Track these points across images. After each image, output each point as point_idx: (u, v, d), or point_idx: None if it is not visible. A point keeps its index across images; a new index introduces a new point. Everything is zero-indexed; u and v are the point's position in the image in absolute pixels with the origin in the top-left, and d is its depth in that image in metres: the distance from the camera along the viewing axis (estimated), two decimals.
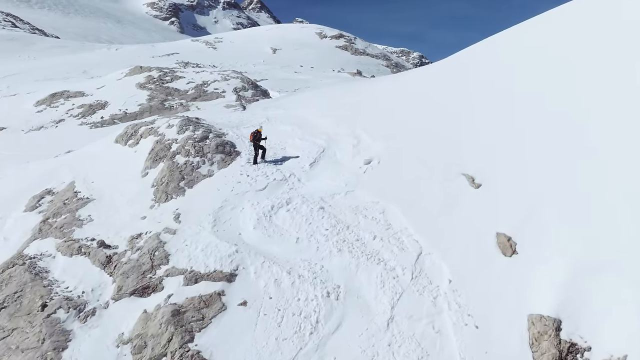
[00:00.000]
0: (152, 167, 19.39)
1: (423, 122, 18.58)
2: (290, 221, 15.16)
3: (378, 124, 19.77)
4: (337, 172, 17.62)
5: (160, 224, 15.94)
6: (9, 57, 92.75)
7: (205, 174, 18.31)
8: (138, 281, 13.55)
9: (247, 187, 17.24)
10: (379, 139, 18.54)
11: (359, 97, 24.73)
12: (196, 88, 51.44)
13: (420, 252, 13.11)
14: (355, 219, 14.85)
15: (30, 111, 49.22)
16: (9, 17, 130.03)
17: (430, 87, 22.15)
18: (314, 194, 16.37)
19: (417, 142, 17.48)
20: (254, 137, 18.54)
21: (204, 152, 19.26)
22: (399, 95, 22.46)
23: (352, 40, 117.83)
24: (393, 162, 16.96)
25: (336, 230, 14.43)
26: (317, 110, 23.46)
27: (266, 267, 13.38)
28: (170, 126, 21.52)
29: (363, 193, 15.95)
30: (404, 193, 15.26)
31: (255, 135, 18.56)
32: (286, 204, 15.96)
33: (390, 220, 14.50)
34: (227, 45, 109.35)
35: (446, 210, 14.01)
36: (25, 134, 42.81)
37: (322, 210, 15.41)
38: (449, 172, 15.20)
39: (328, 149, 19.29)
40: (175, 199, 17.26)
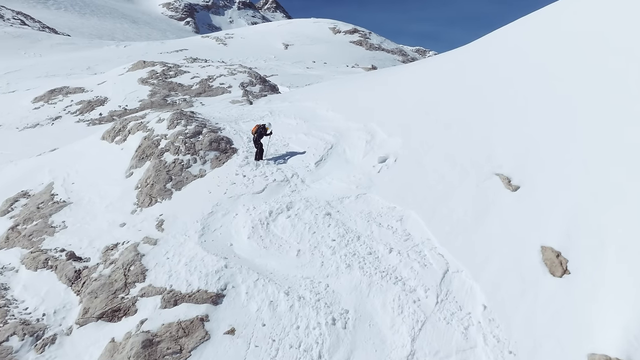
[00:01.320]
0: (137, 166, 17.55)
1: (450, 111, 16.43)
2: (290, 230, 13.17)
3: (395, 117, 17.68)
4: (347, 171, 15.60)
5: (140, 233, 14.05)
6: (13, 54, 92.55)
7: (196, 174, 16.40)
8: (108, 302, 11.65)
9: (242, 189, 15.30)
10: (396, 134, 16.46)
11: (374, 87, 22.61)
12: (201, 83, 49.77)
13: (446, 269, 11.00)
14: (367, 227, 12.79)
15: (26, 108, 48.03)
16: (20, 15, 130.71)
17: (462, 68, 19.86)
18: (320, 198, 14.36)
19: (441, 136, 15.35)
20: (258, 131, 16.71)
21: (196, 149, 17.36)
22: (421, 83, 20.27)
23: (366, 35, 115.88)
24: (413, 160, 14.87)
25: (345, 242, 12.39)
26: (326, 102, 21.41)
27: (260, 286, 11.40)
28: (161, 120, 19.67)
29: (377, 197, 13.89)
30: (426, 197, 13.16)
31: (260, 130, 16.74)
32: (287, 209, 13.96)
33: (409, 230, 12.42)
34: (238, 41, 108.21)
35: (477, 217, 11.87)
36: (19, 131, 41.47)
37: (328, 216, 13.39)
38: (480, 172, 13.06)
39: (337, 145, 17.26)
40: (161, 202, 15.36)
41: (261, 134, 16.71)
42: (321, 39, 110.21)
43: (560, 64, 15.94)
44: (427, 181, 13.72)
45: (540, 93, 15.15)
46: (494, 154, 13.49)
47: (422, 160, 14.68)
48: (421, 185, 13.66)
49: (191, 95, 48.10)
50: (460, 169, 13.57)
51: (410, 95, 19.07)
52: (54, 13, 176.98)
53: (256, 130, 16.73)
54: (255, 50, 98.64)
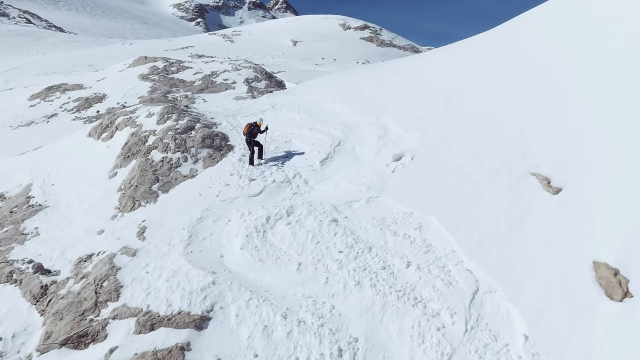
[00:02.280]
0: (122, 165, 15.97)
1: (474, 103, 14.68)
2: (290, 239, 11.50)
3: (411, 110, 15.94)
4: (357, 171, 13.90)
5: (118, 242, 12.45)
6: (16, 52, 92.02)
7: (187, 174, 14.78)
8: (74, 325, 10.03)
9: (237, 191, 13.65)
10: (413, 128, 14.73)
11: (387, 77, 20.85)
12: (204, 79, 48.28)
13: (476, 288, 9.26)
14: (380, 237, 11.09)
15: (22, 105, 46.89)
16: (26, 14, 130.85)
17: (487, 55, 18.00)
18: (325, 202, 12.68)
19: (465, 130, 13.60)
20: (250, 130, 14.93)
21: (187, 146, 15.74)
22: (440, 71, 18.45)
23: (377, 31, 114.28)
24: (432, 158, 13.14)
25: (354, 254, 10.70)
26: (333, 94, 19.72)
27: (253, 306, 9.74)
28: (150, 115, 18.10)
29: (392, 200, 12.18)
30: (450, 201, 11.43)
31: (251, 128, 14.95)
32: (287, 214, 12.30)
33: (430, 240, 10.70)
34: (245, 38, 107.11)
35: (512, 225, 10.11)
36: (12, 130, 40.25)
37: (334, 223, 11.70)
38: (513, 172, 11.31)
39: (345, 141, 15.57)
40: (144, 206, 13.76)
41: (254, 133, 14.94)
42: (331, 36, 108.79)
43: (596, 50, 14.13)
44: (449, 183, 11.97)
45: (575, 82, 13.38)
46: (529, 150, 11.72)
47: (443, 158, 12.94)
48: (443, 188, 11.92)
49: (193, 91, 46.62)
50: (489, 168, 11.81)
51: (428, 86, 17.30)
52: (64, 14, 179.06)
53: (247, 130, 14.95)
54: (262, 47, 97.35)
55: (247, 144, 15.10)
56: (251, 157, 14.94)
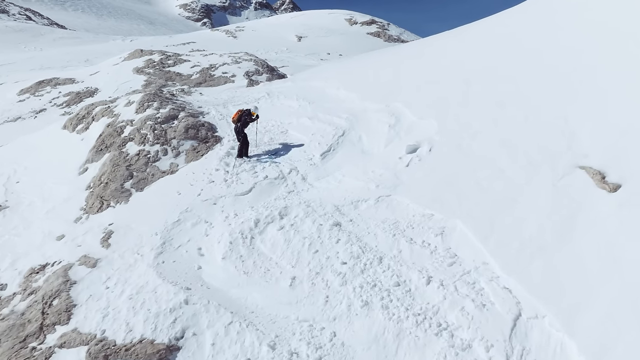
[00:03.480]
0: (94, 160, 14.15)
1: (503, 85, 12.77)
2: (283, 247, 9.62)
3: (427, 94, 14.03)
4: (364, 165, 12.00)
5: (79, 249, 10.63)
6: (13, 48, 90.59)
7: (166, 170, 12.94)
8: (11, 356, 8.19)
9: (222, 189, 11.79)
10: (429, 115, 12.81)
11: (398, 61, 18.85)
12: (201, 72, 46.41)
13: (518, 313, 7.33)
14: (393, 244, 9.18)
15: (11, 101, 45.37)
16: (28, 11, 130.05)
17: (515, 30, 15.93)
18: (326, 201, 10.80)
19: (493, 116, 11.67)
20: (240, 118, 13.10)
21: (168, 137, 13.90)
22: (463, 51, 16.37)
23: (385, 26, 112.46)
24: (454, 149, 11.22)
25: (361, 266, 8.81)
26: (337, 80, 17.78)
27: (234, 333, 7.90)
28: (130, 103, 16.28)
29: (406, 200, 10.27)
30: (478, 200, 9.51)
31: (241, 116, 13.11)
32: (280, 217, 10.41)
33: (455, 249, 8.79)
34: (249, 33, 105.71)
35: (559, 231, 8.18)
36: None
37: (337, 228, 9.82)
38: (557, 164, 9.38)
39: (350, 131, 13.67)
40: (114, 207, 11.93)
41: (245, 122, 13.13)
42: (336, 31, 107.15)
43: None
44: (477, 178, 10.04)
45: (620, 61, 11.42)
46: (575, 139, 9.77)
47: (468, 149, 11.01)
48: (469, 184, 9.99)
49: (190, 85, 44.83)
50: (526, 160, 9.88)
51: (447, 67, 15.34)
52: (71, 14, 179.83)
53: (238, 117, 13.15)
54: (266, 43, 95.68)
55: (236, 133, 13.25)
56: (240, 149, 13.06)
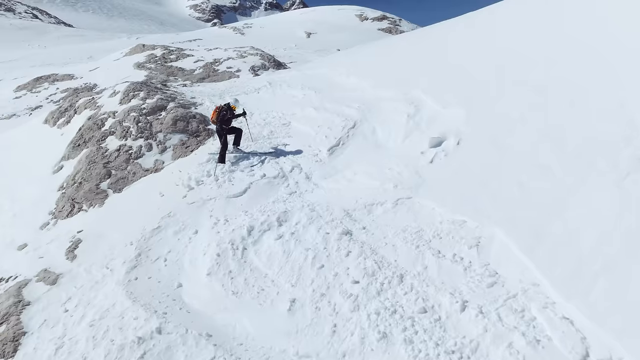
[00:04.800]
0: (70, 157, 12.66)
1: (542, 68, 11.03)
2: (282, 261, 8.02)
3: (451, 80, 12.36)
4: (379, 162, 10.37)
5: (41, 261, 9.12)
6: (16, 46, 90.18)
7: (149, 168, 11.41)
8: None
9: (212, 190, 10.22)
10: (455, 103, 11.14)
11: (417, 43, 17.10)
12: (205, 67, 45.06)
13: (584, 353, 5.67)
14: (417, 259, 7.54)
15: (7, 98, 44.41)
16: (35, 10, 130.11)
17: (554, 6, 14.11)
18: (334, 205, 9.18)
19: (531, 104, 9.97)
20: (219, 115, 11.11)
21: (153, 131, 12.36)
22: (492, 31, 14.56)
23: (396, 22, 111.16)
24: (486, 143, 9.55)
25: (376, 286, 7.19)
26: (346, 67, 16.13)
27: None
28: (115, 93, 14.75)
29: (431, 203, 8.62)
30: (521, 204, 7.83)
31: (221, 114, 11.13)
32: (278, 223, 8.82)
33: (495, 265, 7.13)
34: (257, 30, 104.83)
35: (631, 244, 6.48)
36: None
37: (347, 237, 8.20)
38: (616, 160, 7.67)
39: (362, 122, 12.04)
40: (86, 211, 10.40)
41: (227, 120, 11.16)
42: (347, 27, 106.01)
43: None
44: (517, 178, 8.36)
45: None
46: (636, 128, 8.05)
47: (503, 142, 9.32)
48: (508, 184, 8.31)
49: (193, 80, 43.45)
50: (575, 154, 8.18)
51: (474, 49, 13.61)
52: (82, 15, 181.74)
53: (218, 115, 11.10)
54: (274, 40, 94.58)
55: (217, 134, 11.36)
56: (222, 154, 11.14)
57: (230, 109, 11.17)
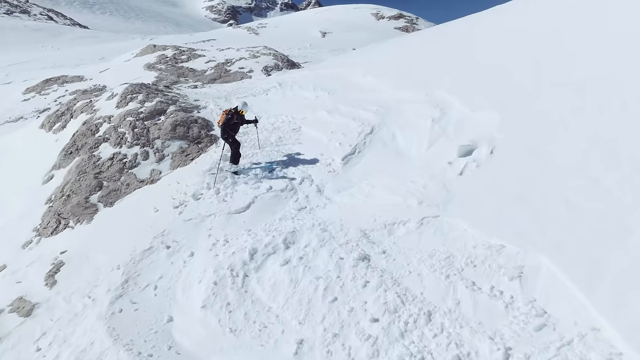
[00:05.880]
0: (62, 165, 11.79)
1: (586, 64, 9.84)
2: (288, 291, 6.98)
3: (482, 79, 11.21)
4: (401, 173, 9.27)
5: (18, 287, 8.21)
6: (29, 48, 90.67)
7: (145, 179, 10.45)
8: None
9: (212, 205, 9.21)
10: (486, 106, 10.00)
11: (439, 41, 15.93)
12: (216, 67, 44.36)
13: None
14: (447, 291, 6.44)
15: (16, 100, 44.18)
16: (50, 12, 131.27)
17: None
18: (349, 223, 8.11)
19: (575, 104, 8.79)
20: (227, 121, 10.03)
21: (150, 137, 11.42)
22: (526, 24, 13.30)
23: (413, 20, 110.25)
24: (526, 152, 8.40)
25: (399, 325, 6.13)
26: (363, 66, 15.03)
27: None
28: (112, 96, 13.86)
29: (463, 223, 7.49)
30: (570, 226, 6.68)
31: (228, 117, 10.06)
32: (284, 246, 7.77)
33: (544, 302, 6.02)
34: (271, 30, 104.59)
35: None
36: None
37: (364, 264, 7.12)
38: None
39: (381, 127, 10.95)
40: (72, 228, 9.47)
41: (233, 125, 10.13)
42: (363, 26, 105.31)
43: None
44: (565, 195, 7.19)
45: None
46: None
47: (545, 151, 8.16)
48: (553, 202, 7.16)
49: (204, 81, 42.79)
50: (633, 168, 7.00)
51: (506, 45, 12.42)
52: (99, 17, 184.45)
53: (225, 120, 10.03)
54: (289, 39, 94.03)
55: (224, 140, 10.21)
56: (234, 154, 10.19)
57: (237, 113, 10.08)
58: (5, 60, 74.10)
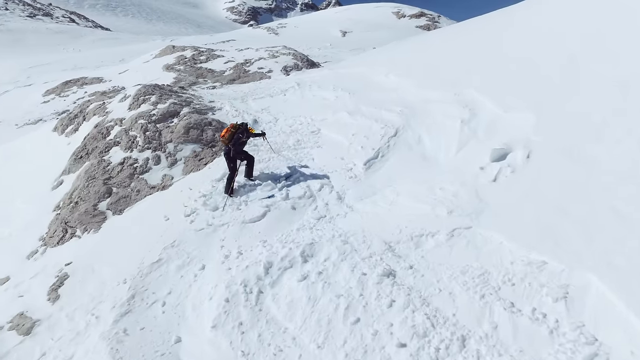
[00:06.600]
0: (72, 170, 11.42)
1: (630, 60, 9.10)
2: (306, 310, 6.42)
3: (515, 77, 10.52)
4: (428, 179, 8.65)
5: (20, 301, 7.79)
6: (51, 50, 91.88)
7: (156, 184, 10.00)
8: None
9: (226, 214, 8.70)
10: (521, 106, 9.32)
11: (467, 37, 15.23)
12: (235, 68, 44.15)
13: None
14: (482, 313, 5.83)
15: (35, 102, 44.56)
16: (73, 14, 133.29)
17: None
18: (372, 234, 7.53)
19: (619, 105, 8.08)
20: (233, 137, 9.26)
21: (162, 140, 10.97)
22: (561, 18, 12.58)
23: (435, 18, 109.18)
24: (565, 156, 7.73)
25: (430, 351, 5.57)
26: (386, 65, 14.40)
27: None
28: (125, 98, 13.49)
29: (498, 235, 6.84)
30: (620, 240, 6.00)
31: (236, 135, 9.29)
32: (302, 259, 7.22)
33: (594, 327, 5.38)
34: (291, 30, 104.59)
35: None
36: (17, 128, 37.40)
37: (389, 280, 6.54)
38: None
39: (406, 129, 10.33)
40: (79, 237, 9.05)
41: (239, 142, 9.33)
42: (383, 25, 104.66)
43: None
44: (610, 202, 6.51)
45: None
46: None
47: (587, 155, 7.48)
48: (599, 212, 6.48)
49: (222, 82, 42.60)
50: None
51: (541, 39, 11.68)
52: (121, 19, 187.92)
53: (231, 136, 9.24)
54: (309, 39, 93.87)
55: (225, 158, 9.43)
56: (229, 183, 9.21)
57: (247, 130, 9.37)
58: (26, 62, 75.14)
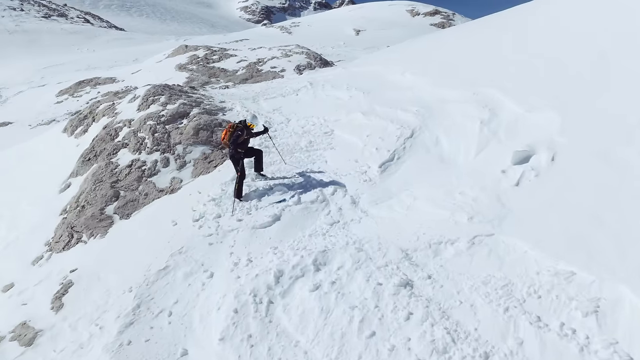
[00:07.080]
0: (79, 173, 11.23)
1: None
2: (318, 322, 6.12)
3: (538, 75, 10.11)
4: (447, 182, 8.30)
5: (23, 309, 7.59)
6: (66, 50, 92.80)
7: (164, 188, 9.76)
8: None
9: (234, 220, 8.40)
10: (545, 105, 8.92)
11: (481, 34, 14.82)
12: (248, 67, 44.05)
13: None
14: (506, 328, 5.49)
15: (49, 102, 44.84)
16: (87, 15, 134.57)
17: None
18: (388, 242, 7.20)
19: None
20: (232, 136, 8.97)
21: (171, 142, 10.74)
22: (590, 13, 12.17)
23: (449, 16, 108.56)
24: (594, 158, 7.33)
25: None
26: (401, 63, 14.04)
27: None
28: (134, 98, 13.29)
29: (522, 243, 6.48)
30: None
31: (235, 134, 9.00)
32: (315, 267, 6.91)
33: (628, 344, 5.04)
34: (304, 29, 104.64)
35: None
36: (30, 129, 37.63)
37: (406, 291, 6.22)
38: None
39: (423, 130, 9.97)
40: (85, 243, 8.83)
41: (243, 142, 9.07)
42: (397, 23, 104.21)
43: None
44: None
45: None
46: None
47: (618, 158, 7.07)
48: (632, 219, 6.09)
49: (235, 81, 42.51)
50: None
51: (566, 36, 11.26)
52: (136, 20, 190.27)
53: (230, 136, 8.95)
54: (322, 38, 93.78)
55: (231, 160, 9.20)
56: (239, 187, 8.95)
57: (246, 127, 9.07)
58: (41, 63, 75.87)
